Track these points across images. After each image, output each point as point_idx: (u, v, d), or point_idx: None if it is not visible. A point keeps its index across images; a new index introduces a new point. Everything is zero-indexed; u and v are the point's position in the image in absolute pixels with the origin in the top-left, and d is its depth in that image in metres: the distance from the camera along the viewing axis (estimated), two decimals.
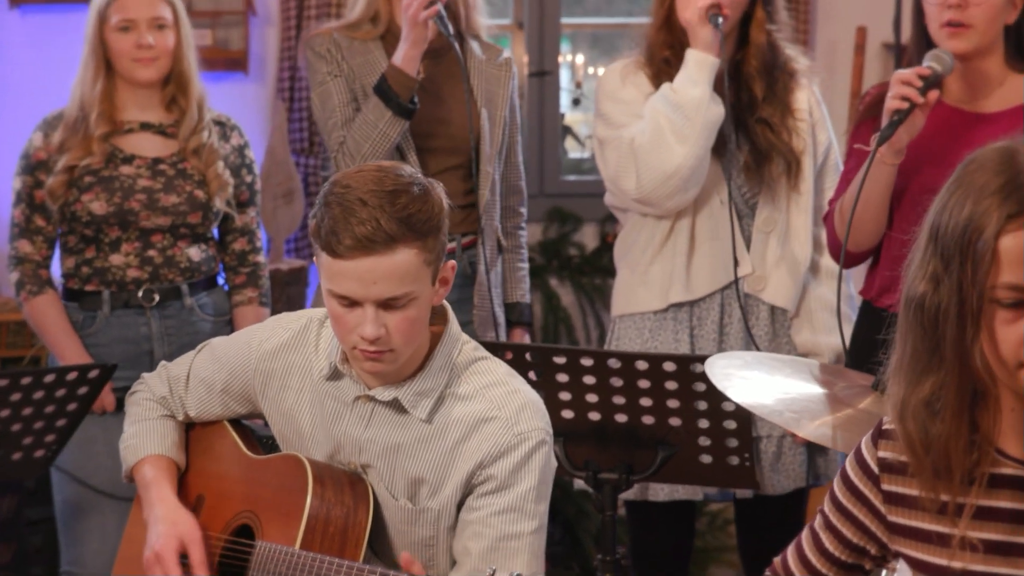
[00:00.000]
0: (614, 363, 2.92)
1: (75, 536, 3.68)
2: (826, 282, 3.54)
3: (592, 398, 2.96)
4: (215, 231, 3.82)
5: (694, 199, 3.45)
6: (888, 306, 3.23)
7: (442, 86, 3.73)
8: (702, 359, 2.79)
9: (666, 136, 3.38)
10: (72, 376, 3.03)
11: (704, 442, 2.95)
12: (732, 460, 2.97)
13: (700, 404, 2.91)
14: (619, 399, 2.94)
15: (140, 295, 3.68)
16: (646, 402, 2.93)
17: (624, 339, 3.55)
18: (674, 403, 2.92)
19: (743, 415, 2.89)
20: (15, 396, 2.97)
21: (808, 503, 3.64)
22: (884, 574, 2.31)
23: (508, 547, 2.45)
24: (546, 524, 2.52)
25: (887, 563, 2.09)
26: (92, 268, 3.68)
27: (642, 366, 2.90)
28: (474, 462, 2.48)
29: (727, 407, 2.89)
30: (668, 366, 2.89)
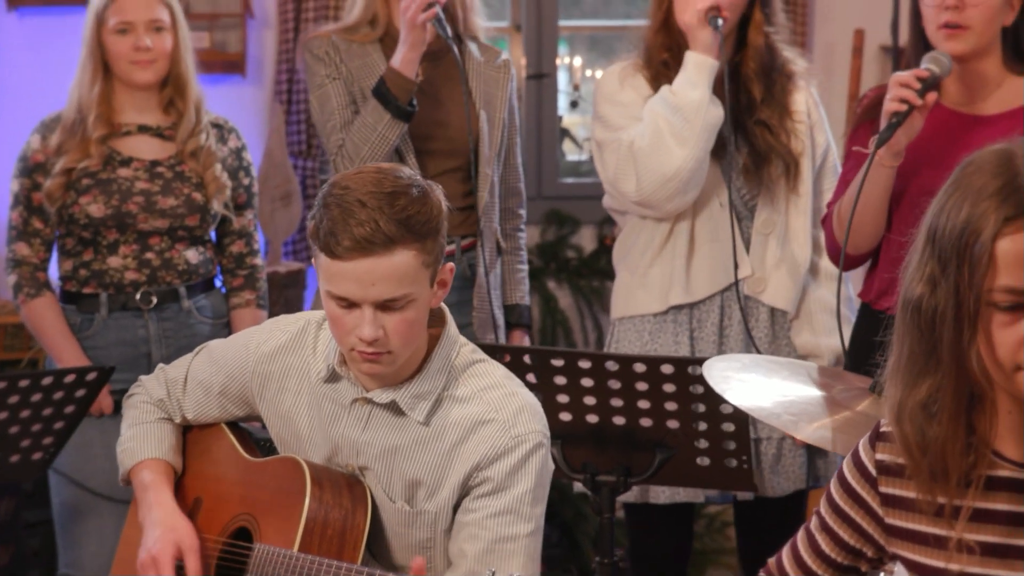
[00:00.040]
0: (612, 365, 2.92)
1: (73, 538, 3.68)
2: (825, 284, 3.54)
3: (590, 400, 2.96)
4: (213, 234, 3.81)
5: (693, 201, 3.45)
6: (887, 308, 3.23)
7: (441, 88, 3.72)
8: (700, 361, 2.79)
9: (666, 138, 3.37)
10: (70, 379, 3.02)
11: (702, 444, 2.95)
12: (730, 462, 2.97)
13: (698, 406, 2.91)
14: (617, 401, 2.94)
15: (138, 297, 3.68)
16: (644, 404, 2.93)
17: (624, 341, 3.55)
18: (672, 405, 2.92)
19: (741, 417, 2.89)
20: (13, 398, 2.96)
21: (808, 505, 3.64)
22: None
23: (504, 549, 2.45)
24: (542, 527, 2.51)
25: (883, 565, 2.09)
26: (90, 270, 3.68)
27: (640, 368, 2.90)
28: (471, 464, 2.47)
29: (725, 409, 2.89)
30: (666, 368, 2.89)
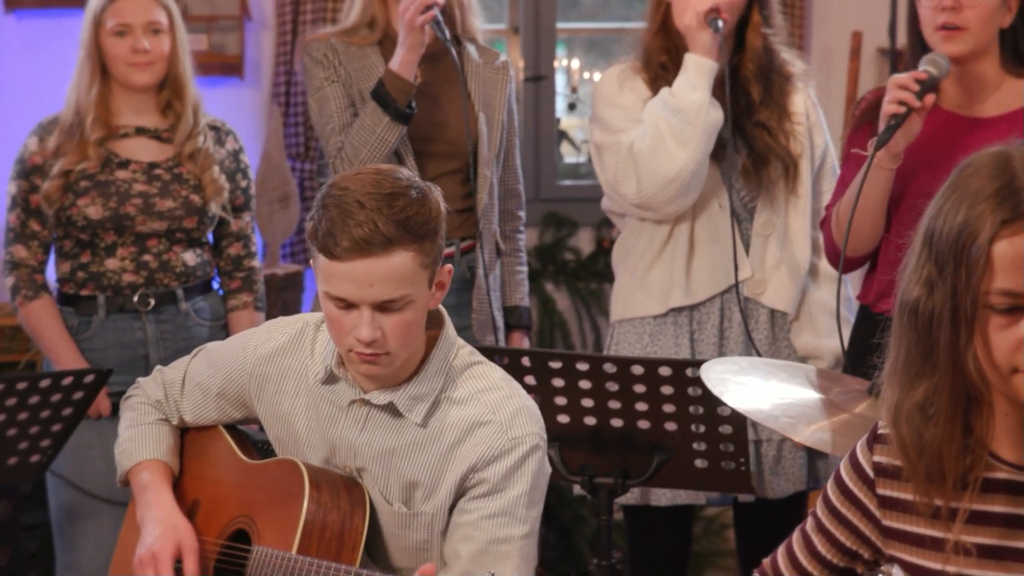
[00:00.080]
0: (610, 368, 2.92)
1: (71, 541, 3.68)
2: (825, 285, 3.54)
3: (588, 403, 2.96)
4: (210, 236, 3.81)
5: (693, 203, 3.46)
6: (885, 311, 3.22)
7: (439, 90, 3.72)
8: (698, 364, 2.78)
9: (666, 141, 3.37)
10: (68, 381, 3.02)
11: (700, 447, 2.95)
12: (728, 465, 2.97)
13: (696, 409, 2.91)
14: (615, 404, 2.94)
15: (136, 300, 3.68)
16: (642, 407, 2.93)
17: (624, 344, 3.55)
18: (670, 408, 2.92)
19: (739, 420, 2.89)
20: (10, 401, 2.96)
21: (808, 506, 3.63)
22: None
23: (498, 551, 2.45)
24: (537, 530, 2.51)
25: (879, 567, 2.09)
26: (88, 273, 3.68)
27: (638, 371, 2.90)
28: (467, 465, 2.47)
29: (723, 412, 2.89)
30: (664, 371, 2.89)
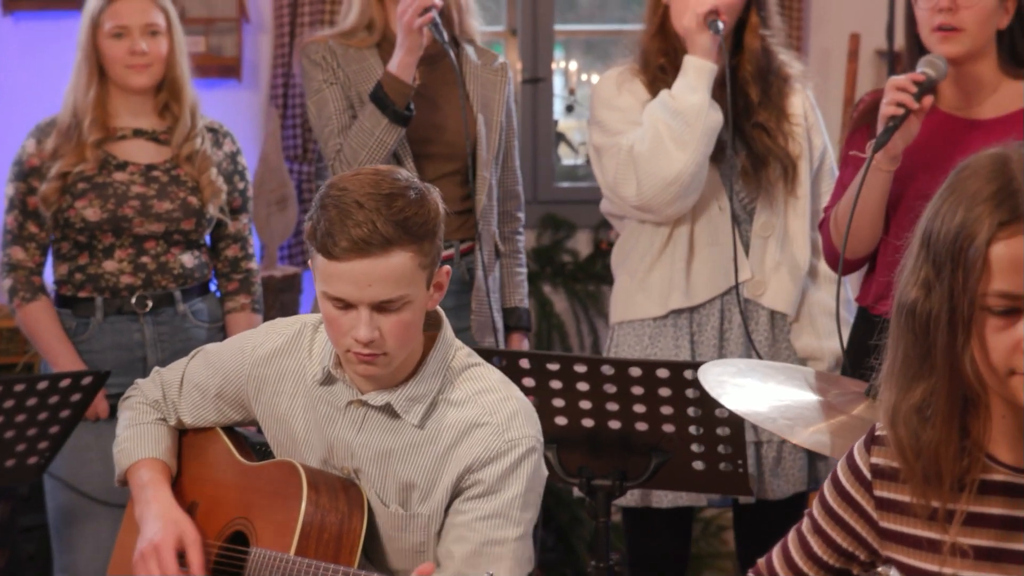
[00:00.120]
0: (607, 370, 2.92)
1: (68, 543, 3.68)
2: (825, 286, 3.54)
3: (586, 404, 2.96)
4: (208, 238, 3.81)
5: (693, 205, 3.46)
6: (884, 313, 3.22)
7: (438, 92, 3.72)
8: (695, 366, 2.78)
9: (666, 143, 3.37)
10: (65, 383, 3.02)
11: (698, 449, 2.95)
12: (726, 466, 2.97)
13: (693, 411, 2.91)
14: (612, 406, 2.94)
15: (133, 301, 3.68)
16: (640, 409, 2.93)
17: (624, 346, 3.54)
18: (668, 410, 2.92)
19: (736, 422, 2.89)
20: (8, 403, 2.96)
21: (808, 507, 3.63)
22: None
23: (492, 552, 2.45)
24: (531, 532, 2.51)
25: (875, 568, 2.09)
26: (85, 274, 3.68)
27: (635, 373, 2.90)
28: (463, 466, 2.47)
29: (720, 414, 2.89)
30: (662, 373, 2.89)
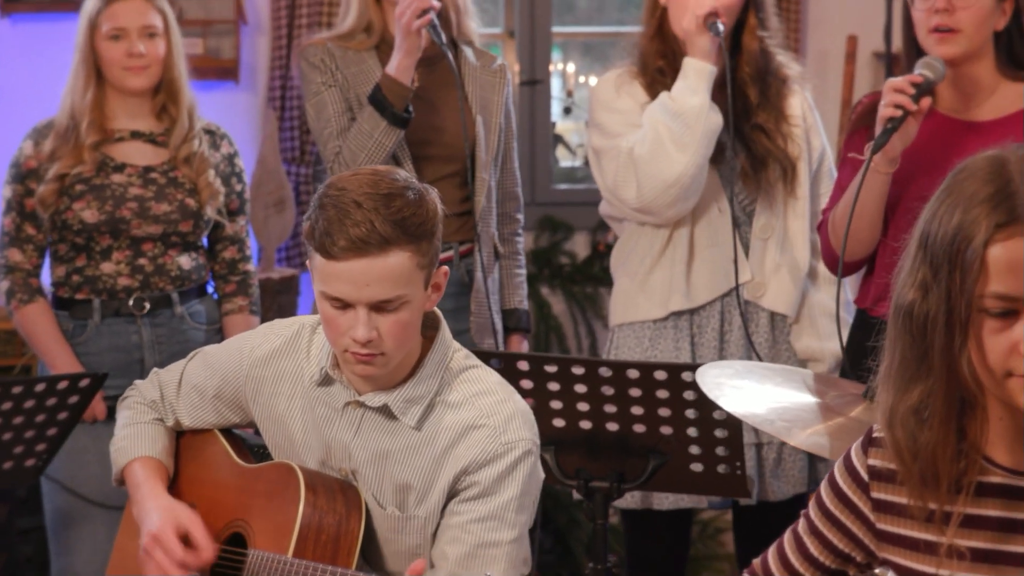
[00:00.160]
0: (605, 372, 2.91)
1: (66, 545, 3.68)
2: (825, 288, 3.54)
3: (583, 407, 2.95)
4: (205, 240, 3.81)
5: (693, 207, 3.46)
6: (882, 315, 3.21)
7: (436, 94, 3.72)
8: (693, 368, 2.78)
9: (666, 145, 3.37)
10: (63, 385, 3.02)
11: (695, 451, 2.95)
12: (724, 468, 2.97)
13: (691, 413, 2.91)
14: (610, 408, 2.94)
15: (131, 303, 3.68)
16: (638, 411, 2.92)
17: (624, 348, 3.54)
18: (665, 412, 2.91)
19: (734, 423, 2.89)
20: (6, 405, 2.96)
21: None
22: None
23: (486, 555, 2.45)
24: (527, 535, 2.51)
25: (872, 570, 2.09)
26: (83, 276, 3.68)
27: (633, 375, 2.89)
28: (459, 467, 2.47)
29: (718, 416, 2.89)
30: (659, 375, 2.88)
